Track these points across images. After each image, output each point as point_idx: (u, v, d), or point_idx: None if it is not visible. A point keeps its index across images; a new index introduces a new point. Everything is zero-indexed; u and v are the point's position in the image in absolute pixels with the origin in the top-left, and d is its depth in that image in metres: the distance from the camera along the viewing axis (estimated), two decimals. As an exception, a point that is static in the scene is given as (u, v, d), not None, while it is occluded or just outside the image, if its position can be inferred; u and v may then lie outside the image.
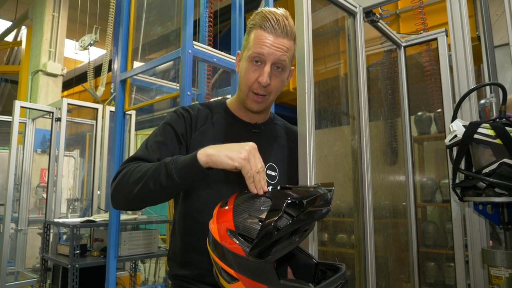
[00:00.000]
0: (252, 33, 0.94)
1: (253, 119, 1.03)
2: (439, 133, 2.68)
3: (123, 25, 2.32)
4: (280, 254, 0.67)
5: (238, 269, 0.69)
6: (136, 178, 0.82)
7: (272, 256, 0.67)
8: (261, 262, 0.67)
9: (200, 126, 0.98)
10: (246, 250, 0.67)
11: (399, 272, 1.84)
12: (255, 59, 0.92)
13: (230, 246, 0.69)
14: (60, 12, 5.87)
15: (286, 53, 0.92)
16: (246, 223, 0.69)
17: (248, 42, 0.95)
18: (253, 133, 1.02)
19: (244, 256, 0.68)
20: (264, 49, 0.90)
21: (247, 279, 0.68)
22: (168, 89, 2.57)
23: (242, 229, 0.69)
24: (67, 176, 4.34)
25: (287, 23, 0.92)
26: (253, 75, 0.93)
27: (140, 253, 2.60)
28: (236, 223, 0.70)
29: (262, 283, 0.68)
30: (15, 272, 3.77)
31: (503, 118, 1.07)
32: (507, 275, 1.04)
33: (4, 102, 8.03)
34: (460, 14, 1.33)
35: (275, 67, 0.93)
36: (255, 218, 0.69)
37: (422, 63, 2.06)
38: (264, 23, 0.91)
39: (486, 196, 1.06)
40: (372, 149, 1.48)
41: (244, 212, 0.71)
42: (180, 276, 0.97)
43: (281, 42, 0.91)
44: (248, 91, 0.95)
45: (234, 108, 1.04)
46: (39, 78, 5.55)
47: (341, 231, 1.67)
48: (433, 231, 2.54)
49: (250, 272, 0.68)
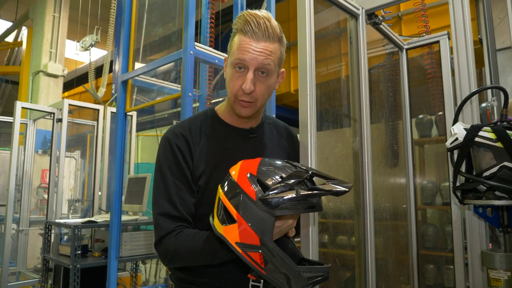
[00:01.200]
0: (235, 38, 0.91)
1: (247, 124, 1.01)
2: (440, 136, 2.68)
3: (125, 26, 2.32)
4: (285, 212, 0.70)
5: (241, 210, 0.71)
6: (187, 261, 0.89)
7: (278, 210, 0.69)
8: (266, 212, 0.69)
9: (197, 144, 0.96)
10: (258, 194, 0.70)
11: (399, 274, 1.84)
12: (238, 65, 0.90)
13: (245, 187, 0.72)
14: (61, 13, 5.87)
15: (269, 56, 0.89)
16: (268, 173, 0.73)
17: (231, 48, 0.92)
18: (251, 139, 1.01)
19: (253, 199, 0.70)
20: (245, 54, 0.88)
21: (246, 223, 0.70)
22: (169, 90, 2.58)
23: (263, 177, 0.72)
24: (68, 177, 4.34)
25: (268, 25, 0.89)
26: (237, 82, 0.90)
27: (141, 254, 2.60)
28: (259, 170, 0.74)
29: (256, 233, 0.70)
30: (17, 273, 3.77)
31: (504, 122, 1.08)
32: (506, 277, 1.05)
33: (5, 103, 8.04)
34: (463, 17, 1.34)
35: (259, 72, 0.90)
36: (278, 173, 0.73)
37: (423, 66, 2.06)
38: (245, 27, 0.89)
39: (486, 199, 1.06)
40: (373, 151, 1.48)
41: (270, 166, 0.75)
42: (182, 279, 0.97)
43: (263, 46, 0.88)
44: (234, 98, 0.93)
45: (226, 116, 1.01)
46: (40, 79, 5.55)
47: (341, 233, 1.67)
48: (433, 233, 2.55)
49: (251, 217, 0.70)
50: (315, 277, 0.72)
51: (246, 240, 0.70)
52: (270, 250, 0.70)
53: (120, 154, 2.24)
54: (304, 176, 0.72)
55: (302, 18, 1.19)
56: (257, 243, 0.70)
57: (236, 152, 0.97)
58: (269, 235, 0.70)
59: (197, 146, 0.95)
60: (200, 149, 0.95)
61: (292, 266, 0.70)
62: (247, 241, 0.70)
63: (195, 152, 0.95)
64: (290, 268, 0.70)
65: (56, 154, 3.46)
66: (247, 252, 0.71)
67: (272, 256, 0.70)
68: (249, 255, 0.71)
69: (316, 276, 0.73)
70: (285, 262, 0.70)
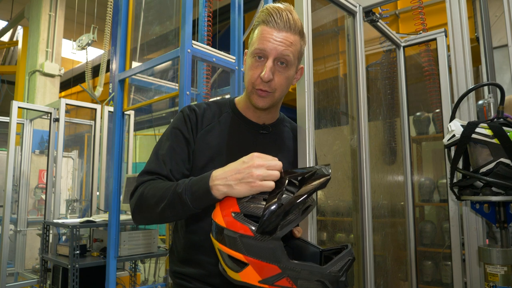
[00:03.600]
0: (257, 29, 0.93)
1: (261, 119, 1.01)
2: (437, 133, 2.70)
3: (121, 25, 2.31)
4: (286, 229, 0.68)
5: (246, 252, 0.68)
6: (152, 204, 0.84)
7: (279, 232, 0.67)
8: (269, 240, 0.67)
9: (206, 125, 0.98)
10: (252, 229, 0.68)
11: (397, 271, 1.86)
12: (258, 55, 0.90)
13: (237, 228, 0.69)
14: (57, 12, 5.83)
15: (289, 47, 0.89)
16: (250, 204, 0.71)
17: (252, 39, 0.94)
18: (260, 134, 1.01)
19: (251, 236, 0.68)
20: (266, 44, 0.88)
21: (257, 260, 0.68)
22: (167, 89, 2.57)
23: (247, 210, 0.70)
24: (66, 177, 4.33)
25: (290, 17, 0.90)
26: (256, 71, 0.91)
27: (140, 253, 2.60)
28: (240, 205, 0.71)
29: (272, 263, 0.68)
30: (15, 273, 3.75)
31: (500, 118, 1.09)
32: (502, 272, 1.06)
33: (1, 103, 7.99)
34: (460, 15, 1.34)
35: (279, 63, 0.90)
36: (258, 198, 0.71)
37: (421, 64, 2.07)
38: (267, 18, 0.90)
39: (483, 195, 1.07)
40: (371, 149, 1.49)
41: (246, 196, 0.73)
42: (180, 273, 0.97)
43: (283, 36, 0.88)
44: (252, 87, 0.93)
45: (242, 107, 1.01)
46: (36, 78, 5.52)
47: (339, 230, 1.68)
48: (430, 230, 2.56)
49: (259, 252, 0.68)
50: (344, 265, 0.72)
51: (267, 275, 0.69)
52: (293, 270, 0.68)
53: (118, 154, 2.23)
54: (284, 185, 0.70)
55: (299, 15, 1.19)
56: (278, 271, 0.68)
57: (241, 143, 0.98)
58: (285, 258, 0.68)
59: (205, 125, 0.97)
60: (206, 130, 0.97)
61: (321, 270, 0.69)
62: (268, 275, 0.69)
63: (200, 130, 0.96)
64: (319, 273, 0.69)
65: (53, 154, 3.44)
66: (274, 283, 0.69)
67: (298, 273, 0.69)
68: (277, 285, 0.69)
69: (344, 264, 0.72)
70: (312, 271, 0.69)
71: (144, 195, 0.86)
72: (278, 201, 0.68)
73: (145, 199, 0.86)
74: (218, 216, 0.73)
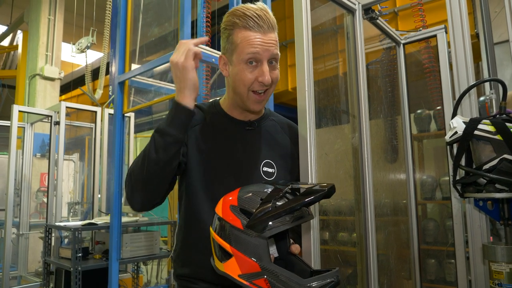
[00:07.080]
0: (235, 34, 0.92)
1: (247, 117, 1.04)
2: (439, 130, 2.69)
3: (120, 27, 2.31)
4: (275, 230, 0.71)
5: (233, 243, 0.72)
6: (139, 167, 0.88)
7: (267, 231, 0.70)
8: (255, 237, 0.71)
9: (194, 126, 1.00)
10: (243, 222, 0.72)
11: (400, 269, 1.85)
12: (250, 60, 0.91)
13: (230, 219, 0.74)
14: (56, 15, 5.85)
15: (276, 45, 0.94)
16: (248, 200, 0.76)
17: (233, 45, 0.93)
18: (247, 131, 1.03)
19: (241, 229, 0.72)
20: (258, 48, 0.90)
21: (240, 253, 0.71)
22: (166, 91, 2.57)
23: (244, 204, 0.75)
24: (67, 180, 4.33)
25: (269, 17, 0.93)
26: (250, 76, 0.92)
27: (142, 255, 2.60)
28: (239, 200, 0.76)
29: (253, 260, 0.71)
30: (18, 277, 3.76)
31: (503, 114, 1.08)
32: (508, 270, 1.05)
33: (2, 107, 8.01)
34: (460, 11, 1.33)
35: (270, 62, 0.94)
36: (257, 197, 0.76)
37: (421, 61, 2.06)
38: (247, 22, 0.90)
39: (486, 192, 1.06)
40: (372, 147, 1.48)
41: (248, 193, 0.78)
42: (182, 275, 0.98)
43: (270, 37, 0.92)
44: (247, 92, 0.94)
45: (227, 107, 1.04)
46: (36, 82, 5.54)
47: (342, 230, 1.67)
48: (433, 228, 2.55)
49: (243, 246, 0.71)
50: (325, 284, 0.72)
51: (247, 270, 0.71)
52: (273, 272, 0.70)
53: (118, 156, 2.23)
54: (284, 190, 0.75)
55: (298, 14, 1.18)
56: (258, 270, 0.71)
57: (230, 141, 1.00)
58: (266, 258, 0.71)
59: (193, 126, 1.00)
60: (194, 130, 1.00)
61: (299, 281, 0.70)
62: (248, 270, 0.71)
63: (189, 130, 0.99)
64: (297, 284, 0.70)
65: (54, 157, 3.45)
66: (252, 281, 0.71)
67: (277, 277, 0.70)
68: (255, 283, 0.71)
69: (326, 284, 0.72)
70: (291, 279, 0.70)
71: (129, 172, 0.91)
72: (272, 203, 0.72)
73: (132, 172, 0.90)
74: (219, 207, 0.79)
